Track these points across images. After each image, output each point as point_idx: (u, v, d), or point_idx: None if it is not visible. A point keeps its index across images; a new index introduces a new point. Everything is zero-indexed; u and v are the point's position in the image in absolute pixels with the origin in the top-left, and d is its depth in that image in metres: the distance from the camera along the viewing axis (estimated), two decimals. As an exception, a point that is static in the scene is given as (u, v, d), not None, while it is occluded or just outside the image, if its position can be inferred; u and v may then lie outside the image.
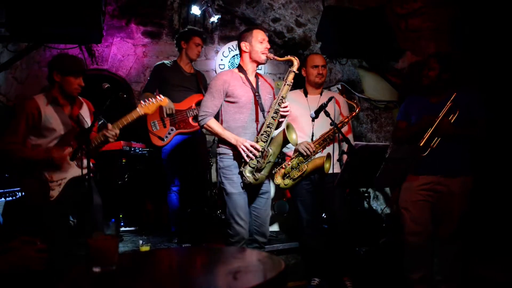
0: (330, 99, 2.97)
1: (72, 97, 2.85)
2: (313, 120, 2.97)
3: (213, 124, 2.89)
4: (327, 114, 2.85)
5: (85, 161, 2.77)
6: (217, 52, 5.84)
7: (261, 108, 2.94)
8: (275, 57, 2.96)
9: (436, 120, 2.94)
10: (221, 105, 2.94)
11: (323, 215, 4.14)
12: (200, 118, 2.91)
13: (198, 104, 4.04)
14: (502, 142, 3.59)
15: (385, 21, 4.12)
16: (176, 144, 3.99)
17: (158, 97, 3.07)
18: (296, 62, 2.86)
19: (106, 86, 2.77)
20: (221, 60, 5.84)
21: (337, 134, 3.18)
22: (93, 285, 1.44)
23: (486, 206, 3.56)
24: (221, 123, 2.94)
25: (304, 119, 3.32)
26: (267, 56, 2.92)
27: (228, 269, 1.59)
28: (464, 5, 3.64)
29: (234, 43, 5.87)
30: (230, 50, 5.85)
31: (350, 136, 3.45)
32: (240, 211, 2.85)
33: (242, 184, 2.86)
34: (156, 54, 5.63)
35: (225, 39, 5.90)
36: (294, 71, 2.87)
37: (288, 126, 2.84)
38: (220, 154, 2.94)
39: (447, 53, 3.23)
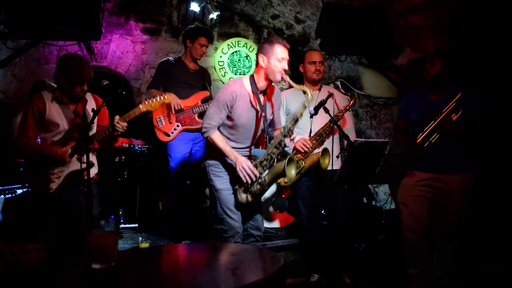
0: (329, 96, 2.97)
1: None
2: (311, 117, 2.96)
3: (216, 138, 2.84)
4: (327, 111, 2.85)
5: (84, 158, 2.79)
6: (216, 49, 5.83)
7: (265, 129, 2.88)
8: (291, 81, 2.79)
9: (439, 117, 2.95)
10: None
11: (322, 212, 4.15)
12: (204, 130, 2.86)
13: (204, 101, 4.04)
14: (501, 140, 3.60)
15: (384, 18, 4.12)
16: (182, 140, 3.99)
17: (163, 95, 3.06)
18: (309, 94, 2.74)
19: (105, 83, 2.77)
20: (220, 57, 5.83)
21: (335, 127, 3.18)
22: (93, 281, 1.44)
23: (484, 203, 3.57)
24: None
25: (303, 116, 3.31)
26: (282, 78, 2.77)
27: (227, 266, 1.60)
28: (463, 1, 3.63)
29: (234, 40, 5.87)
30: (229, 47, 5.84)
31: (346, 128, 3.44)
32: (231, 206, 2.89)
33: (229, 180, 2.89)
34: (155, 51, 5.62)
35: (224, 36, 5.89)
36: (305, 105, 2.77)
37: (290, 160, 2.77)
38: (207, 158, 2.97)
39: (448, 50, 3.23)
